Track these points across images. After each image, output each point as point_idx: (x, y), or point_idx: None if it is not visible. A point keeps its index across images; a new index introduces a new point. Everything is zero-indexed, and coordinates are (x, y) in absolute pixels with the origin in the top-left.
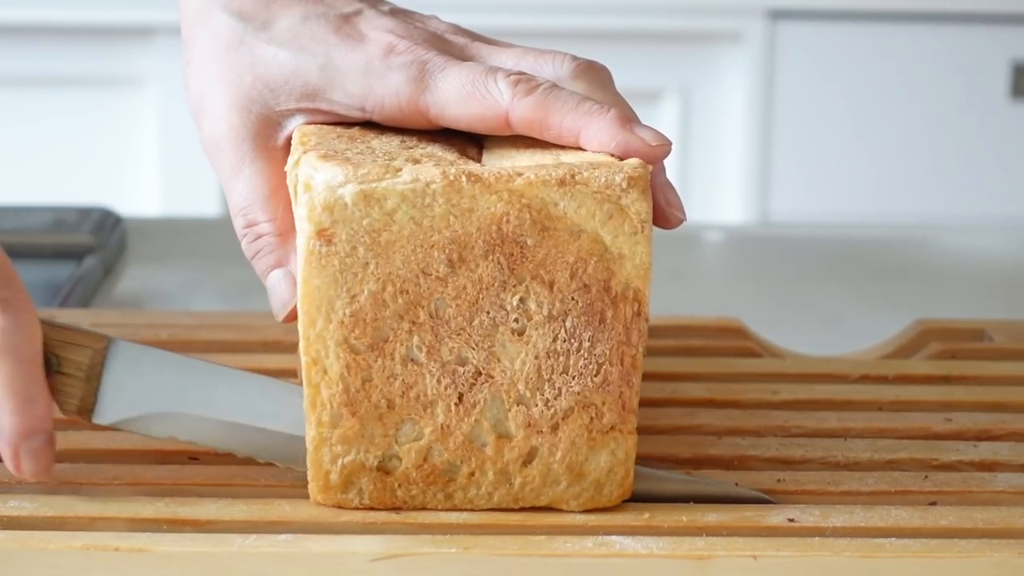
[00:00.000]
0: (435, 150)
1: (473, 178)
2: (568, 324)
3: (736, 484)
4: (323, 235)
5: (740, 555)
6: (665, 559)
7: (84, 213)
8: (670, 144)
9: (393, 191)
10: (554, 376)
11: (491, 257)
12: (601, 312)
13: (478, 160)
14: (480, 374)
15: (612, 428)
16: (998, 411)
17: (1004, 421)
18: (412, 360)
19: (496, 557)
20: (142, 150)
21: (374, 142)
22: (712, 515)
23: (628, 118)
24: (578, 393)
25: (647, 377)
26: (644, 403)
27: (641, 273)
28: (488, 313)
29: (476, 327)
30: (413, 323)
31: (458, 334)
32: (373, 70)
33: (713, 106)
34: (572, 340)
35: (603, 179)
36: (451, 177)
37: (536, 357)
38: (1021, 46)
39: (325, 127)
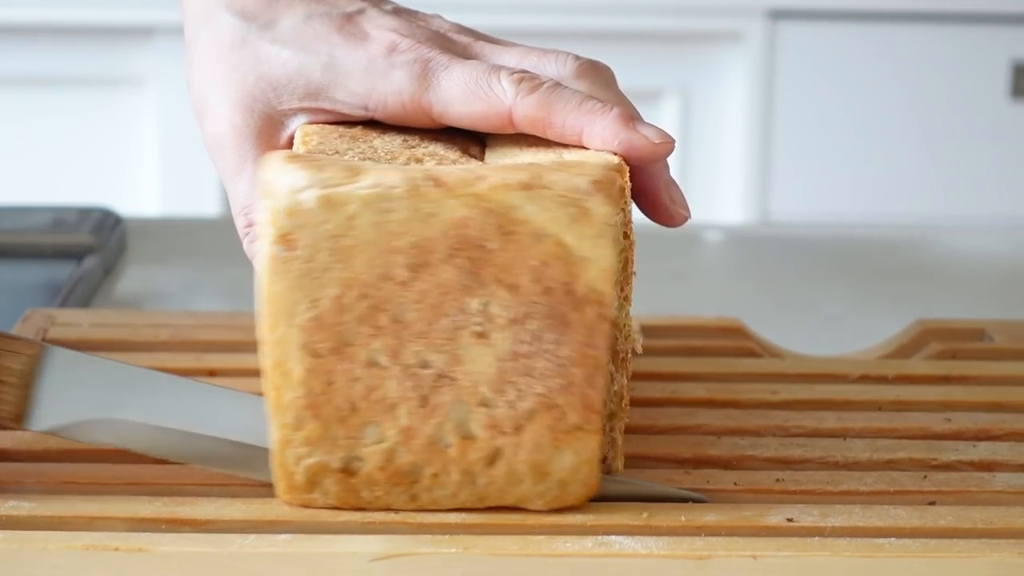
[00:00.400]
0: (437, 149)
1: (436, 182)
2: (531, 327)
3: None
4: (284, 240)
5: (740, 555)
6: (665, 559)
7: (84, 213)
8: (673, 142)
9: (355, 196)
10: (517, 378)
11: (453, 262)
12: (564, 315)
13: (480, 159)
14: (443, 377)
15: (576, 428)
16: (998, 411)
17: (1004, 421)
18: (374, 364)
19: (496, 557)
20: (142, 150)
21: (376, 141)
22: (712, 515)
23: (631, 116)
24: (541, 395)
25: (647, 377)
26: (644, 403)
27: (605, 276)
28: (450, 317)
29: (438, 331)
30: (375, 327)
31: (420, 338)
32: (376, 69)
33: (713, 106)
34: (535, 343)
35: (567, 182)
36: (413, 182)
37: (499, 360)
38: (1021, 46)
39: (327, 126)
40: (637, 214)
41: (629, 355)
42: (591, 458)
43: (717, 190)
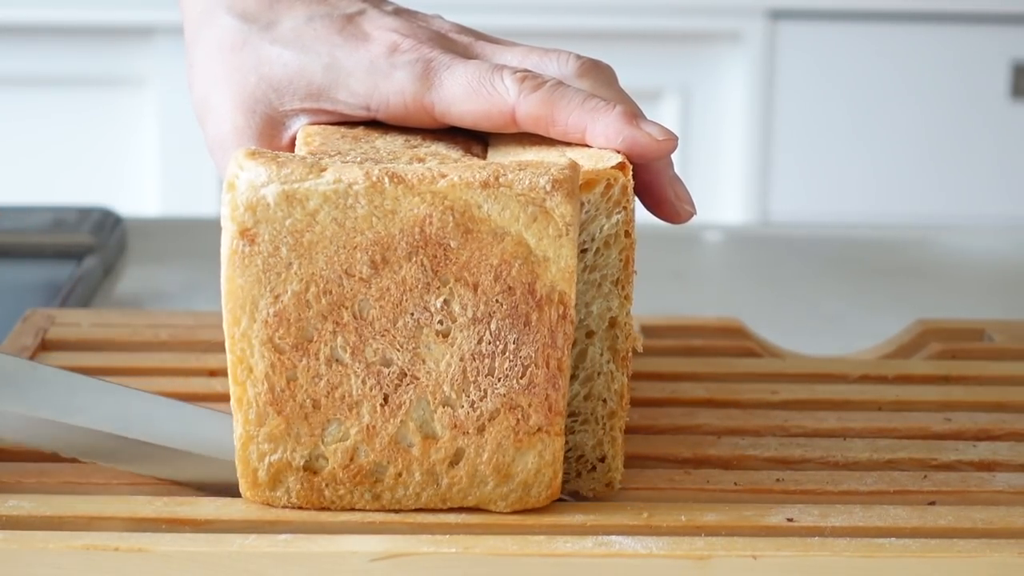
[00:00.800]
0: (439, 148)
1: (396, 179)
2: (493, 326)
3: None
4: (246, 235)
5: (740, 555)
6: (665, 559)
7: (84, 213)
8: (676, 139)
9: (315, 192)
10: (479, 378)
11: (414, 259)
12: (526, 315)
13: (483, 158)
14: (405, 375)
15: (539, 430)
16: (998, 411)
17: (1004, 421)
18: (337, 360)
19: (496, 557)
20: (142, 150)
21: (378, 142)
22: (711, 515)
23: (634, 114)
24: (504, 395)
25: (647, 377)
26: (644, 403)
27: (566, 276)
28: (412, 315)
29: (400, 328)
30: (337, 324)
31: (382, 335)
32: (378, 69)
33: (713, 106)
34: (497, 342)
35: (527, 181)
36: (374, 178)
37: (461, 359)
38: (1021, 46)
39: (329, 127)
40: (640, 212)
41: (629, 354)
42: (554, 460)
43: (717, 190)
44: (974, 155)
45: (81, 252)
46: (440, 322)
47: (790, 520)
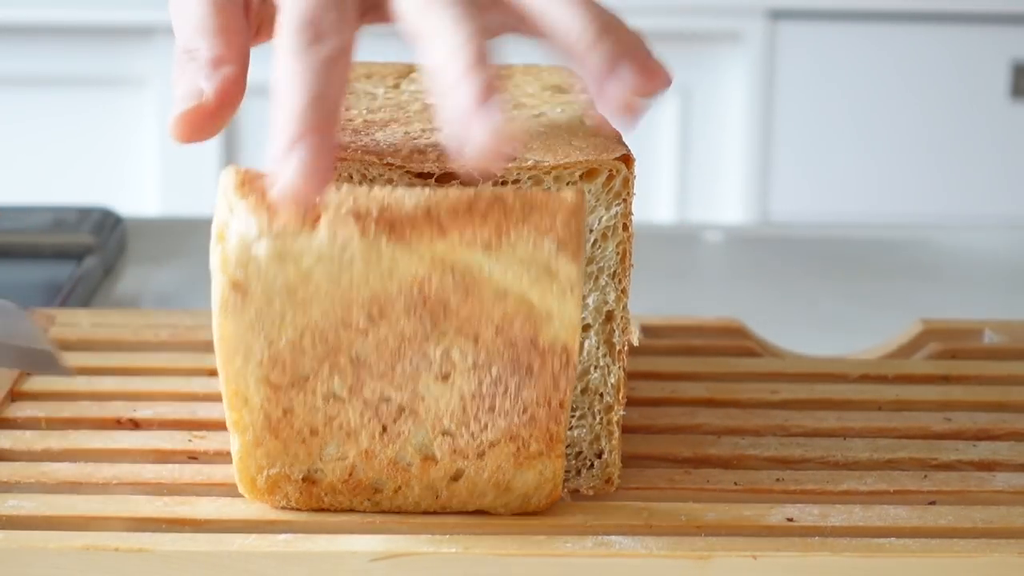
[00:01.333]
0: (440, 139)
1: (393, 236)
2: (494, 372)
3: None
4: (238, 288)
5: (740, 555)
6: (665, 559)
7: (84, 213)
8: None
9: (309, 250)
10: (480, 414)
11: (413, 315)
12: (528, 364)
13: None
14: (404, 410)
15: (539, 455)
16: (998, 411)
17: (1004, 421)
18: (334, 396)
19: (496, 557)
20: (142, 150)
21: (378, 135)
22: (711, 515)
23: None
24: (504, 428)
25: (647, 377)
26: (644, 402)
27: (570, 330)
28: (411, 360)
29: (399, 372)
30: (333, 366)
31: (381, 377)
32: None
33: (713, 106)
34: (498, 385)
35: (531, 242)
36: (370, 237)
37: (461, 398)
38: (1021, 46)
39: None
40: (640, 210)
41: (625, 347)
42: (554, 476)
43: (717, 190)
44: (974, 155)
45: (81, 252)
46: (440, 367)
47: (790, 520)
